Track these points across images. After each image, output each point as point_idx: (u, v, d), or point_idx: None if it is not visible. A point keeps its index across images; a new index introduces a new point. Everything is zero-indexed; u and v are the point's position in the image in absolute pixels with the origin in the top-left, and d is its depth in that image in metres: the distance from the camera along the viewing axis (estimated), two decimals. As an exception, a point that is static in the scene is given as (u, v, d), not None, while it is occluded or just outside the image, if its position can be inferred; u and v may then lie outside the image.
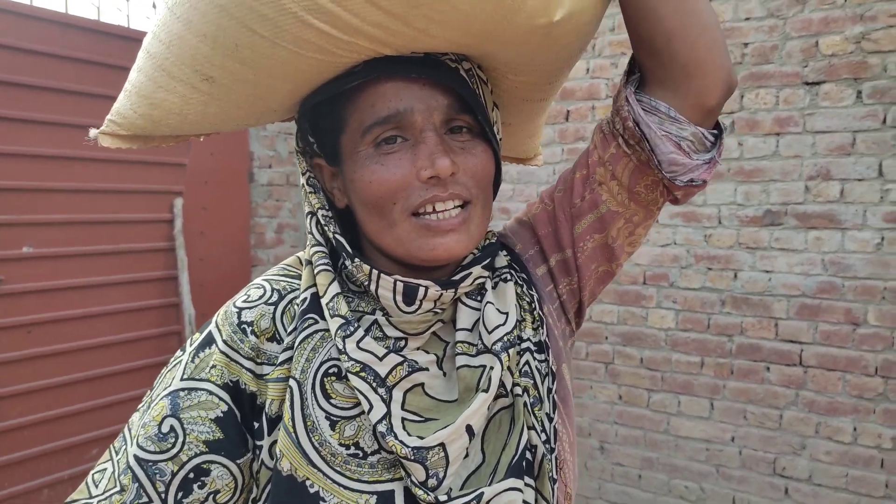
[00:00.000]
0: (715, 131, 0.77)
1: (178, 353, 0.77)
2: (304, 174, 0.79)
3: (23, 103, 2.95)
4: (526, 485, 0.70)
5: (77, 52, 3.10)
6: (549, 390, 0.76)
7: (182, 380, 0.73)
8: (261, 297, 0.77)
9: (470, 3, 0.62)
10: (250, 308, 0.76)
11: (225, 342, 0.74)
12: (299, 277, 0.79)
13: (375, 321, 0.73)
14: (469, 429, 0.70)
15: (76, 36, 3.11)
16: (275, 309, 0.76)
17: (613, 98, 0.78)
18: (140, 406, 0.77)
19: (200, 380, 0.73)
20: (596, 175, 0.79)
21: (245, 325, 0.75)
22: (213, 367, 0.73)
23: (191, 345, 0.76)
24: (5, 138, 2.92)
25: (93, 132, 0.77)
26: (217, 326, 0.76)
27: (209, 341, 0.75)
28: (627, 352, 3.37)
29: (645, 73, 0.76)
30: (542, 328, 0.78)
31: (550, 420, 0.75)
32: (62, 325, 3.13)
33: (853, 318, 2.82)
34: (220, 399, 0.72)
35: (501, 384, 0.73)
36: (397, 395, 0.70)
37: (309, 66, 0.67)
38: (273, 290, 0.78)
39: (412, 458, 0.67)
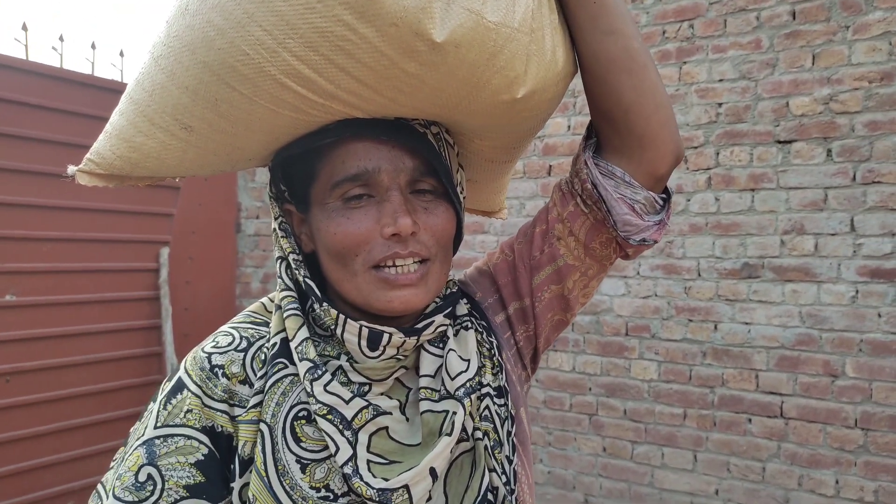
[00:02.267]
0: (664, 195, 0.82)
1: (150, 404, 0.77)
2: (276, 219, 0.82)
3: (17, 154, 2.99)
4: None
5: (71, 104, 3.16)
6: (509, 433, 0.79)
7: (156, 428, 0.73)
8: (230, 344, 0.78)
9: (437, 80, 0.67)
10: (220, 353, 0.76)
11: (197, 385, 0.74)
12: (265, 324, 0.81)
13: (340, 366, 0.75)
14: (433, 471, 0.72)
15: (70, 89, 3.19)
16: (244, 356, 0.77)
17: (573, 160, 0.83)
18: (113, 462, 0.76)
19: (176, 425, 0.72)
20: (555, 230, 0.84)
21: (216, 368, 0.75)
22: (189, 411, 0.73)
23: (161, 393, 0.76)
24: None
25: (71, 169, 0.80)
26: (186, 372, 0.76)
27: (179, 387, 0.75)
28: (611, 403, 3.38)
29: (602, 140, 0.81)
30: (502, 374, 0.81)
31: (510, 462, 0.78)
32: (42, 375, 3.10)
33: (832, 370, 2.86)
34: (200, 442, 0.72)
35: (463, 428, 0.75)
36: (363, 437, 0.72)
37: (284, 123, 0.71)
38: (241, 337, 0.78)
39: (377, 499, 0.69)
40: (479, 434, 0.76)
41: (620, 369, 3.36)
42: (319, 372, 0.72)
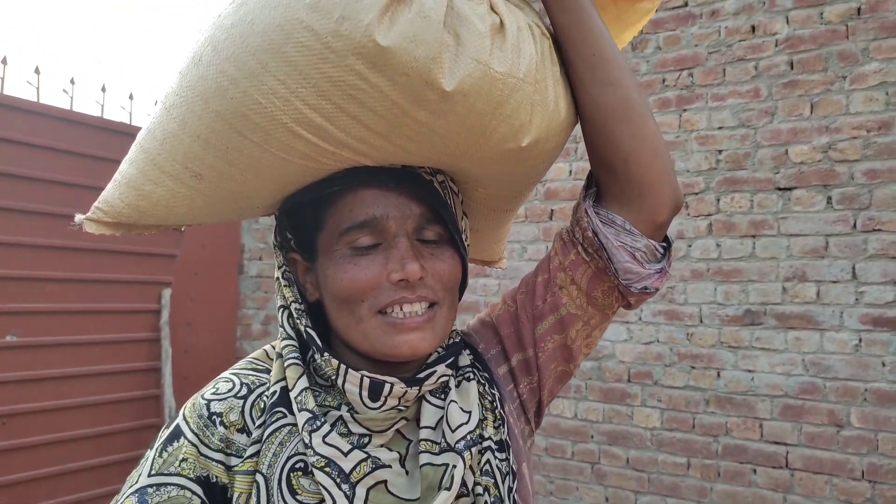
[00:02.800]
0: (664, 244, 0.83)
1: (148, 451, 0.76)
2: (279, 267, 0.82)
3: (21, 194, 3.03)
4: None
5: (80, 146, 3.21)
6: (510, 489, 0.77)
7: (150, 476, 0.72)
8: (230, 391, 0.77)
9: (445, 128, 0.68)
10: (220, 400, 0.76)
11: (194, 433, 0.74)
12: (267, 371, 0.80)
13: (340, 417, 0.75)
14: None
15: (80, 131, 3.24)
16: (244, 402, 0.77)
17: (573, 209, 0.84)
18: None
19: (169, 474, 0.71)
20: (557, 279, 0.84)
21: (214, 416, 0.75)
22: (184, 460, 0.72)
23: (158, 440, 0.75)
24: (4, 228, 2.98)
25: (78, 217, 0.81)
26: (185, 419, 0.75)
27: (177, 434, 0.74)
28: (613, 451, 3.33)
29: (602, 189, 0.82)
30: (504, 427, 0.80)
31: None
32: (39, 417, 3.08)
33: (836, 420, 2.81)
34: (193, 493, 0.71)
35: (463, 483, 0.74)
36: (360, 491, 0.71)
37: (294, 170, 0.72)
38: (242, 384, 0.78)
39: None
40: (479, 489, 0.74)
41: (623, 416, 3.32)
42: (318, 423, 0.71)
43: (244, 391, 0.77)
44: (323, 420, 0.72)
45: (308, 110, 0.65)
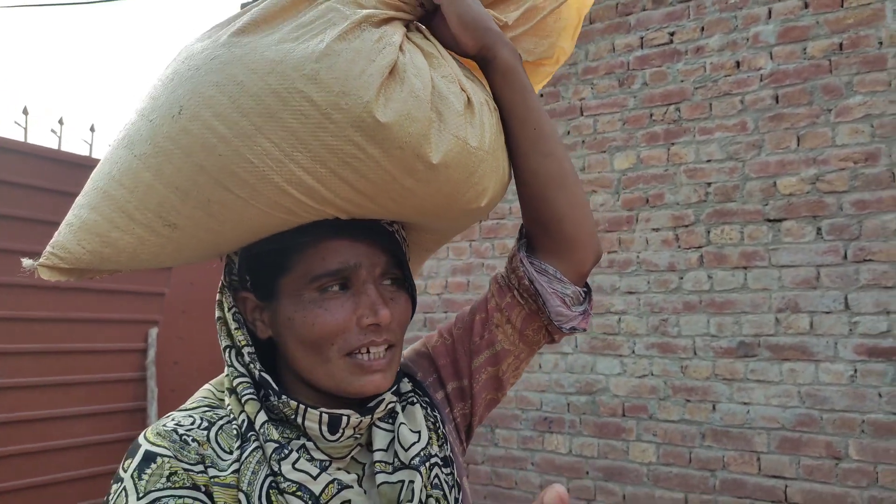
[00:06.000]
0: (586, 289, 0.95)
1: (113, 485, 0.74)
2: (229, 309, 0.83)
3: (9, 233, 2.99)
4: None
5: (67, 185, 3.18)
6: (457, 500, 0.84)
7: (140, 499, 0.70)
8: (192, 424, 0.78)
9: (426, 193, 0.76)
10: (185, 429, 0.77)
11: (173, 453, 0.73)
12: (220, 408, 0.82)
13: (304, 445, 0.78)
14: None
15: (68, 170, 3.21)
16: (207, 433, 0.78)
17: (509, 258, 0.94)
18: None
19: (160, 489, 0.71)
20: (493, 319, 0.93)
21: (185, 437, 0.75)
22: (172, 474, 0.72)
23: (126, 471, 0.73)
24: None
25: (27, 263, 0.79)
26: (152, 444, 0.74)
27: (150, 458, 0.73)
28: (609, 487, 3.27)
29: (535, 242, 0.93)
30: (446, 445, 0.87)
31: None
32: (22, 460, 2.99)
33: (835, 453, 2.79)
34: (194, 499, 0.71)
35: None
36: None
37: (273, 223, 0.75)
38: (202, 419, 0.79)
39: None
40: (431, 502, 0.80)
41: (618, 452, 3.27)
42: (286, 451, 0.75)
43: (205, 425, 0.79)
44: (290, 448, 0.76)
45: (301, 172, 0.69)
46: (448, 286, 3.95)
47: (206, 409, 0.81)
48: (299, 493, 0.73)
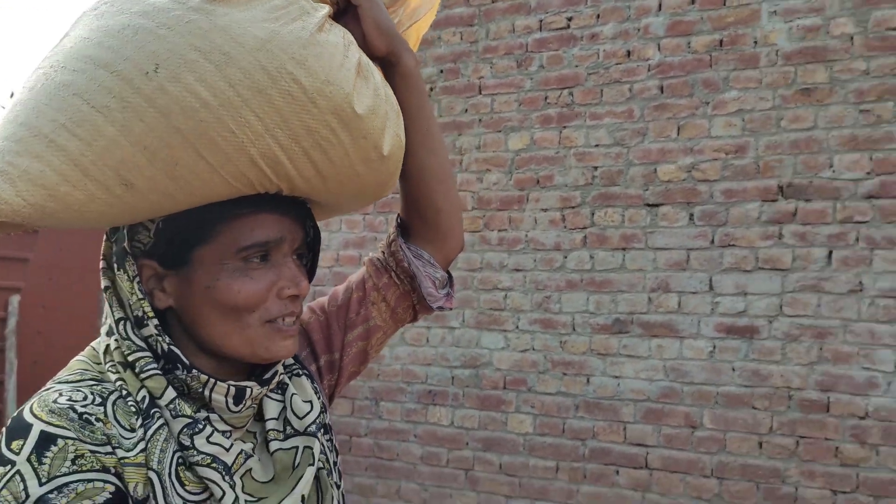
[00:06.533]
0: (448, 274, 1.07)
1: (3, 471, 0.69)
2: (131, 278, 0.80)
3: None
4: None
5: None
6: (335, 463, 0.93)
7: (43, 484, 0.68)
8: (85, 399, 0.75)
9: (369, 179, 0.85)
10: (82, 406, 0.74)
11: (73, 431, 0.71)
12: (105, 381, 0.79)
13: (207, 417, 0.80)
14: (303, 498, 0.84)
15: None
16: (104, 409, 0.75)
17: (387, 243, 1.04)
18: None
19: (69, 473, 0.69)
20: (370, 297, 1.03)
21: (86, 415, 0.73)
22: (78, 457, 0.70)
23: (15, 453, 0.69)
24: None
25: None
26: (46, 422, 0.71)
27: (48, 438, 0.70)
28: (487, 457, 3.36)
29: (411, 230, 1.03)
30: (326, 413, 0.94)
31: (338, 487, 0.93)
32: None
33: (691, 422, 2.98)
34: (105, 482, 0.71)
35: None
36: (237, 480, 0.80)
37: (224, 192, 0.76)
38: (93, 393, 0.77)
39: None
40: (321, 464, 0.88)
41: (497, 423, 3.37)
42: (200, 426, 0.77)
43: (98, 400, 0.76)
44: (204, 423, 0.78)
45: (277, 148, 0.74)
46: (340, 259, 3.93)
47: (93, 382, 0.78)
48: (214, 465, 0.77)
